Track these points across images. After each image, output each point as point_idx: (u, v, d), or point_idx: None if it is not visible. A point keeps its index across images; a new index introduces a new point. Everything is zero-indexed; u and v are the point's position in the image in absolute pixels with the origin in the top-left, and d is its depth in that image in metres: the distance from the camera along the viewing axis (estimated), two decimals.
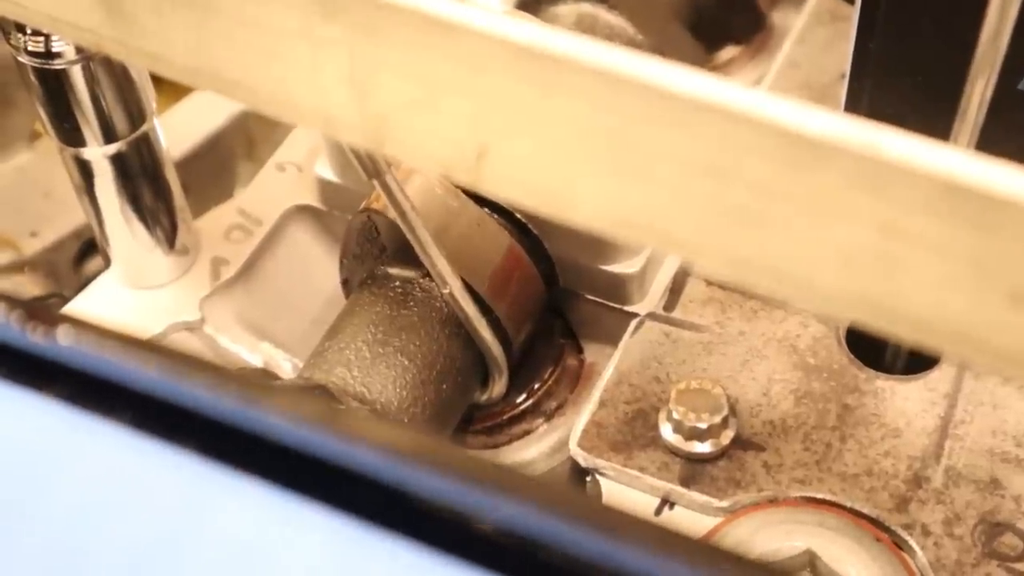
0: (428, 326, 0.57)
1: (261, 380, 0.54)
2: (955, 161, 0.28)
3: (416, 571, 0.27)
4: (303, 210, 0.68)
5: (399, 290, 0.57)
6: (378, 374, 0.55)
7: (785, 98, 0.30)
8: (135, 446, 0.29)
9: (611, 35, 0.66)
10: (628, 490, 0.55)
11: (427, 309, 0.57)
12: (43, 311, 0.29)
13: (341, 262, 0.61)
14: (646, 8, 0.67)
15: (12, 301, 0.29)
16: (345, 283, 0.61)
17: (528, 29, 0.31)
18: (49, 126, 0.57)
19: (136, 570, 0.28)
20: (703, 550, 0.26)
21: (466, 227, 0.57)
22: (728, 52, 0.73)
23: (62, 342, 0.28)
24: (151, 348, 0.29)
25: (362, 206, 0.59)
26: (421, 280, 0.57)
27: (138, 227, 0.61)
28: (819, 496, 0.53)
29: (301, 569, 0.28)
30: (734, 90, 0.30)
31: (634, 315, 0.61)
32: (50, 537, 0.28)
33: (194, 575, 0.28)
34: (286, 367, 0.64)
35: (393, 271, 0.58)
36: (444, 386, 0.57)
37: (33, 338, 0.28)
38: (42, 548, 0.28)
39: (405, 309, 0.57)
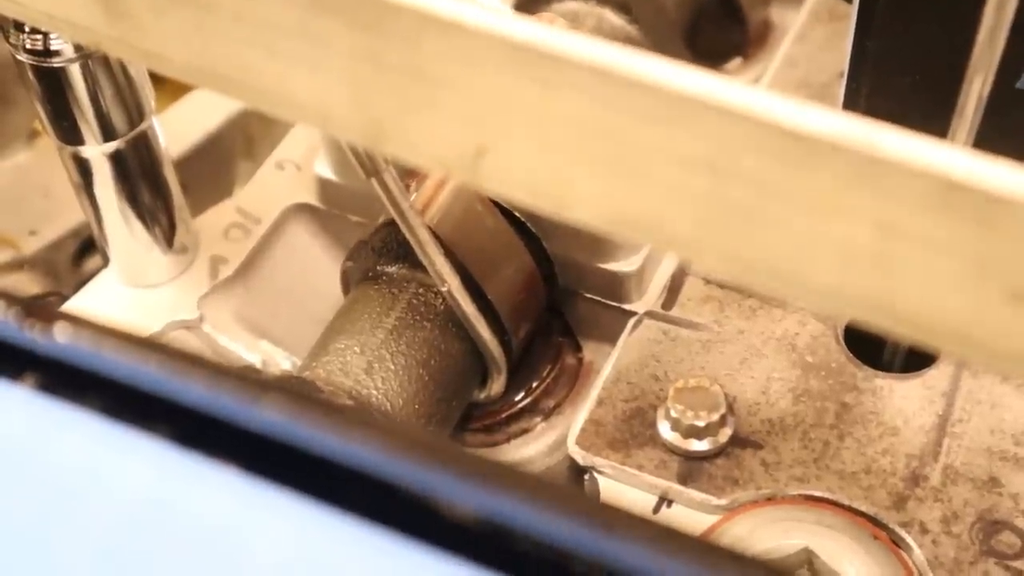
0: (427, 324, 0.57)
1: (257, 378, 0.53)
2: (953, 159, 0.28)
3: (409, 568, 0.27)
4: (302, 208, 0.68)
5: (397, 288, 0.57)
6: (376, 372, 0.55)
7: (783, 96, 0.30)
8: (117, 435, 0.29)
9: (613, 35, 0.66)
10: (626, 488, 0.55)
11: (426, 307, 0.57)
12: (41, 308, 0.29)
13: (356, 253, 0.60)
14: (647, 21, 0.67)
15: (10, 298, 0.29)
16: (344, 280, 0.61)
17: (526, 26, 0.31)
18: (48, 124, 0.57)
19: (109, 557, 0.28)
20: (701, 547, 0.26)
21: (493, 246, 0.58)
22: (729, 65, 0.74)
23: (59, 339, 0.28)
24: (148, 344, 0.29)
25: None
26: (420, 278, 0.57)
27: (137, 226, 0.61)
28: (817, 494, 0.53)
29: (284, 563, 0.28)
30: (732, 88, 0.30)
31: (632, 313, 0.61)
32: (24, 524, 0.28)
33: (170, 563, 0.28)
34: (285, 365, 0.64)
35: (392, 269, 0.58)
36: (442, 384, 0.57)
37: (31, 335, 0.28)
38: (16, 535, 0.28)
39: (404, 307, 0.57)
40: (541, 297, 0.61)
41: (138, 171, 0.60)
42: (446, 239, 0.56)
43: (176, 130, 0.72)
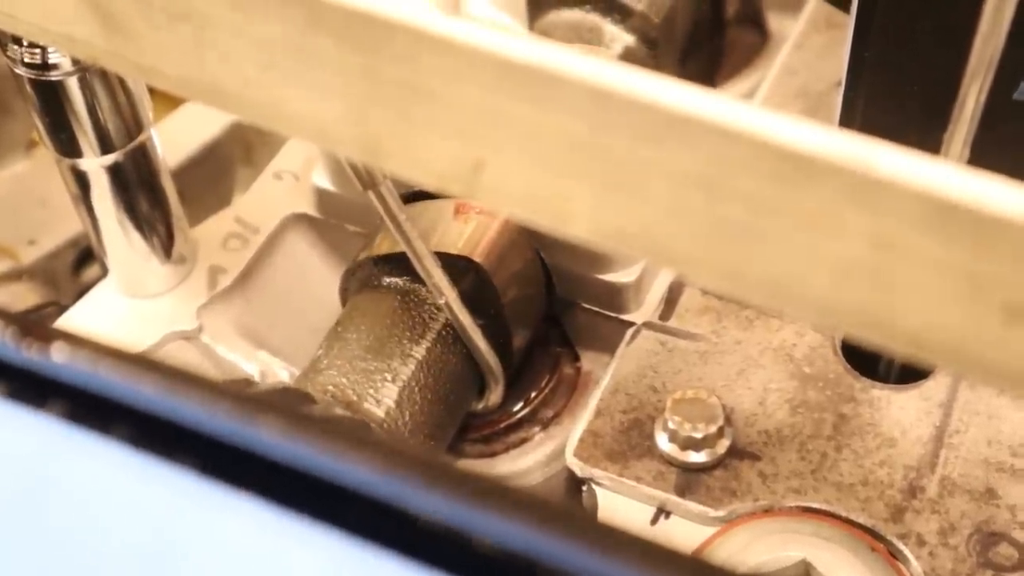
0: (425, 336, 0.57)
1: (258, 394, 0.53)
2: (948, 177, 0.28)
3: None
4: (300, 218, 0.68)
5: (395, 299, 0.57)
6: (374, 385, 0.55)
7: (779, 113, 0.30)
8: (130, 462, 0.29)
9: (612, 44, 0.66)
10: (624, 500, 0.55)
11: (424, 319, 0.57)
12: (38, 327, 0.29)
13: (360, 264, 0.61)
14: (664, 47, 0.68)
15: (7, 317, 0.29)
16: (344, 290, 0.61)
17: (521, 44, 0.31)
18: (46, 137, 0.57)
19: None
20: (696, 567, 0.26)
21: (519, 263, 0.59)
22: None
23: (56, 359, 0.28)
24: (146, 363, 0.29)
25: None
26: (418, 289, 0.57)
27: (135, 236, 0.61)
28: (815, 506, 0.53)
29: None
30: (728, 105, 0.30)
31: (630, 324, 0.61)
32: (46, 553, 0.28)
33: None
34: (283, 375, 0.64)
35: (389, 280, 0.58)
36: (441, 395, 0.57)
37: (28, 355, 0.28)
38: (38, 566, 0.28)
39: (401, 318, 0.57)
40: (540, 308, 0.61)
41: (136, 182, 0.60)
42: (484, 261, 0.57)
43: (174, 140, 0.72)
